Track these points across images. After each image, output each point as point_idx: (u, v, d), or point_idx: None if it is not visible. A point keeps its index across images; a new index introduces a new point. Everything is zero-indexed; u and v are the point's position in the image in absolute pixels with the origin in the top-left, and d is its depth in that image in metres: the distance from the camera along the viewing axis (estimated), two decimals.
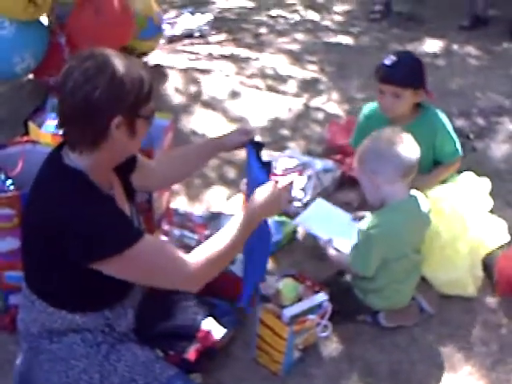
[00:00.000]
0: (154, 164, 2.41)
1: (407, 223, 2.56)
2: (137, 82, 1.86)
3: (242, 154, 3.75)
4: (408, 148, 2.49)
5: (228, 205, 3.31)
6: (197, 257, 1.96)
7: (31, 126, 2.85)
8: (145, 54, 4.60)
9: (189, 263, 1.94)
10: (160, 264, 1.94)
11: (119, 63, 1.84)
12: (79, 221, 1.82)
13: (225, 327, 2.35)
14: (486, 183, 3.07)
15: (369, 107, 3.21)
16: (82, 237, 1.82)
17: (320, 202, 3.08)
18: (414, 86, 2.93)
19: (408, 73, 2.93)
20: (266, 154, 2.42)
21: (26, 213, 2.02)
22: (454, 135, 3.11)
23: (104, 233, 1.84)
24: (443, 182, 3.04)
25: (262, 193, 2.07)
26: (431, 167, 3.11)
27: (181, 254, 1.95)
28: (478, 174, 3.13)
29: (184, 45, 5.37)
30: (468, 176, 3.10)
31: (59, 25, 3.71)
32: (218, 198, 3.43)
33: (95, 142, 1.87)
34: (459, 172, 3.14)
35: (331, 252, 2.71)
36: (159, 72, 4.68)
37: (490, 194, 3.07)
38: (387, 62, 2.92)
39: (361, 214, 2.94)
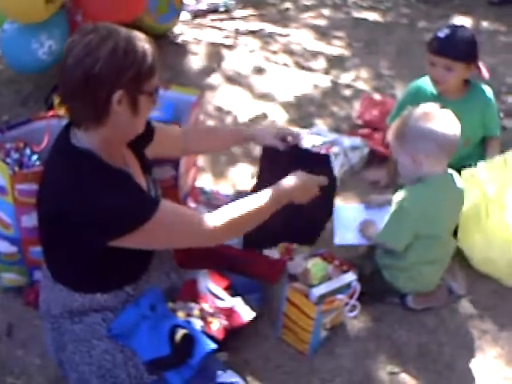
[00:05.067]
0: (179, 132, 2.47)
1: (442, 199, 2.51)
2: (139, 54, 1.83)
3: None
4: (451, 125, 2.44)
5: (253, 182, 3.27)
6: (218, 215, 2.02)
7: (57, 100, 2.83)
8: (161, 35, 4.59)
9: (206, 221, 1.99)
10: (180, 227, 1.98)
11: (122, 36, 1.83)
12: (95, 203, 1.82)
13: (252, 305, 2.33)
14: None
15: (414, 85, 3.19)
16: (96, 217, 1.83)
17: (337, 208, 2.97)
18: (466, 59, 2.92)
19: (462, 46, 2.92)
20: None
21: (40, 194, 2.02)
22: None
23: (120, 211, 1.84)
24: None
25: (300, 177, 2.21)
26: (480, 143, 3.12)
27: (197, 213, 2.03)
28: None
29: (209, 20, 5.32)
30: None
31: (73, 2, 3.66)
32: (243, 176, 3.40)
33: (98, 118, 1.85)
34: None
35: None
36: (184, 47, 4.65)
37: None
38: (441, 34, 2.92)
39: (375, 197, 2.94)
